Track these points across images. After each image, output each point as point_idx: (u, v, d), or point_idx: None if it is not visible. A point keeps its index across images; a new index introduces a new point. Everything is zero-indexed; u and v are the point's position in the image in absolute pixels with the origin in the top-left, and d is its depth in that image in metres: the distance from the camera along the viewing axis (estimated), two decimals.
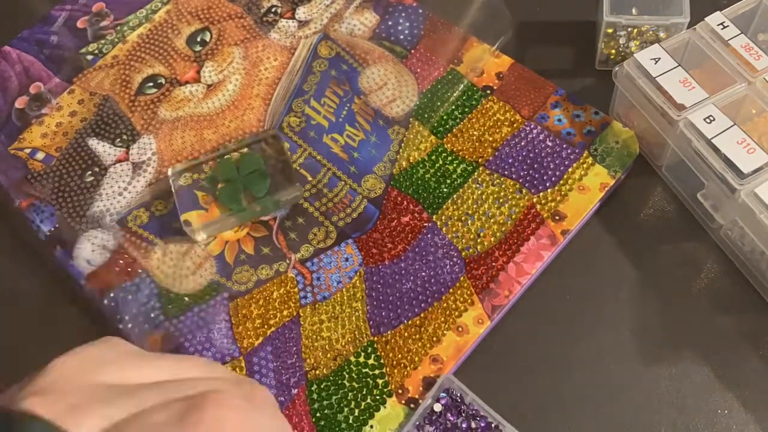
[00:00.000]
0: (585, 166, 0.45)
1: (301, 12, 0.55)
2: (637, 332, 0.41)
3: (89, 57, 0.55)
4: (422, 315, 0.42)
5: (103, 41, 0.56)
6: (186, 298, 0.44)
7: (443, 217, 0.45)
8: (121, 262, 0.46)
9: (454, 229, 0.44)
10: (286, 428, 0.28)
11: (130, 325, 0.43)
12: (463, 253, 0.43)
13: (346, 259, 0.44)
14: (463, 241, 0.44)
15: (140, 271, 0.45)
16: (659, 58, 0.43)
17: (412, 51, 0.52)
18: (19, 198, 0.49)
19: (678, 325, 0.41)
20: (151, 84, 0.53)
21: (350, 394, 0.40)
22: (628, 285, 0.42)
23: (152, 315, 0.44)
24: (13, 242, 0.49)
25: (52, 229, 0.48)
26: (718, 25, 0.44)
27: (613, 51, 0.50)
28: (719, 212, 0.41)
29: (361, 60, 0.52)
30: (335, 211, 0.46)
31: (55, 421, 0.22)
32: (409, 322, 0.42)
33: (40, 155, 0.51)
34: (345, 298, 0.43)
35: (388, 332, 0.41)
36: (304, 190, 0.47)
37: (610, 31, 0.48)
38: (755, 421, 0.38)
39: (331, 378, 0.40)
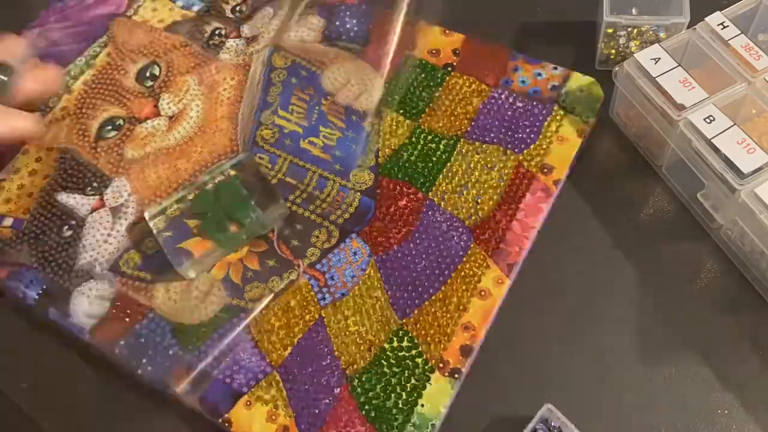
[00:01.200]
0: (558, 118, 0.47)
1: (246, 29, 0.55)
2: (637, 332, 0.41)
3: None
4: (443, 289, 0.42)
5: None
6: (202, 329, 0.43)
7: (438, 193, 0.46)
8: (123, 308, 0.44)
9: (451, 202, 0.45)
10: None
11: (149, 368, 0.42)
12: (467, 222, 0.44)
13: (354, 253, 0.44)
14: (464, 211, 0.45)
15: (147, 312, 0.44)
16: (659, 58, 0.43)
17: (366, 46, 0.53)
18: None
19: (678, 325, 0.41)
20: (109, 127, 0.52)
21: (393, 380, 0.40)
22: (628, 285, 0.42)
23: (170, 352, 0.42)
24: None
25: (40, 291, 0.45)
26: (718, 25, 0.43)
27: (613, 51, 0.49)
28: (719, 212, 0.41)
29: (318, 63, 0.52)
30: (331, 210, 0.46)
31: None
32: (433, 298, 0.42)
33: (7, 221, 0.49)
34: (363, 290, 0.43)
35: (414, 312, 0.42)
36: (294, 196, 0.47)
37: (610, 31, 0.47)
38: (755, 421, 0.38)
39: (370, 369, 0.40)
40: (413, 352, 0.41)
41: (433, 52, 0.52)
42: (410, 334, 0.41)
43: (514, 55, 0.50)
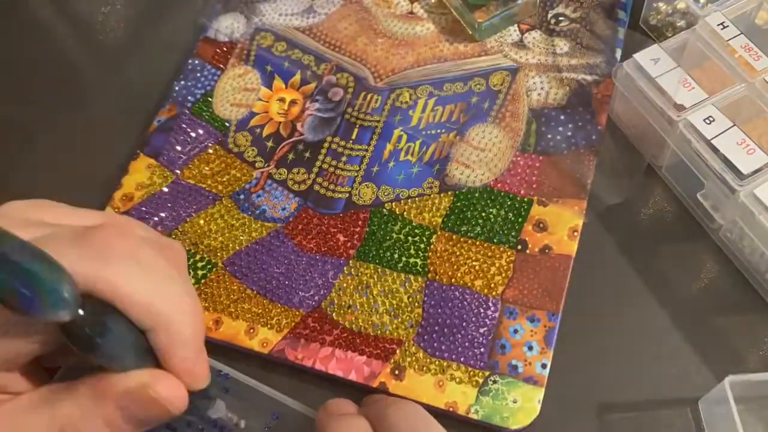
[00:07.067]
0: None
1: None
2: (637, 332, 0.41)
3: None
4: None
5: None
6: None
7: None
8: None
9: None
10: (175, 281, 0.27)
11: None
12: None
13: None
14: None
15: None
16: (659, 59, 0.43)
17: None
18: None
19: (678, 325, 0.41)
20: None
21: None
22: (628, 285, 0.42)
23: None
24: None
25: None
26: (718, 25, 0.43)
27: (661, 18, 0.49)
28: (719, 212, 0.41)
29: None
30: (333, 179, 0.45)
31: None
32: None
33: None
34: None
35: None
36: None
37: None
38: None
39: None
40: None
41: None
42: None
43: None
